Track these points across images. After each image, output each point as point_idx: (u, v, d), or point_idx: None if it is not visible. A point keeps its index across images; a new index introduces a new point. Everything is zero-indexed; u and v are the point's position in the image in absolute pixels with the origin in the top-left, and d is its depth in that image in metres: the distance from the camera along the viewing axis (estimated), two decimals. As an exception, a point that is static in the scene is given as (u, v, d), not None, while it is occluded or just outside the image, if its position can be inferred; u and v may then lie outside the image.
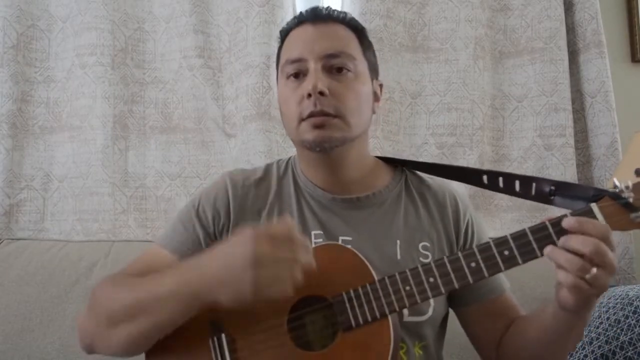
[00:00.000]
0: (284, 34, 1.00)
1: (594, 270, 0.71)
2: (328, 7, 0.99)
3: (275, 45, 1.76)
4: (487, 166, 1.84)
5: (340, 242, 0.93)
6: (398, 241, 0.95)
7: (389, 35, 1.83)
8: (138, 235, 1.74)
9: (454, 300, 0.99)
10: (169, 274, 0.81)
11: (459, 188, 1.10)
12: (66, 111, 1.78)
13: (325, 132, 0.90)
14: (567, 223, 0.75)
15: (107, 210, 1.72)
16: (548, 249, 0.75)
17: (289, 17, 1.83)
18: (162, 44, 1.84)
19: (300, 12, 0.99)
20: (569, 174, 1.81)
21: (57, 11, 1.81)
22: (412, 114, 1.86)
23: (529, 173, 1.85)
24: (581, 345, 1.28)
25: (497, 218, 1.82)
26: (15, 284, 1.45)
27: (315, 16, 0.97)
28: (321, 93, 0.89)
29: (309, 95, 0.89)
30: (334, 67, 0.92)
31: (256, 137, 1.75)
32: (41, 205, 1.75)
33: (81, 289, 1.45)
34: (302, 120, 0.91)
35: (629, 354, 1.13)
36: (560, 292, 0.76)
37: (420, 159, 1.82)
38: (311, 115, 0.90)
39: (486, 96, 1.87)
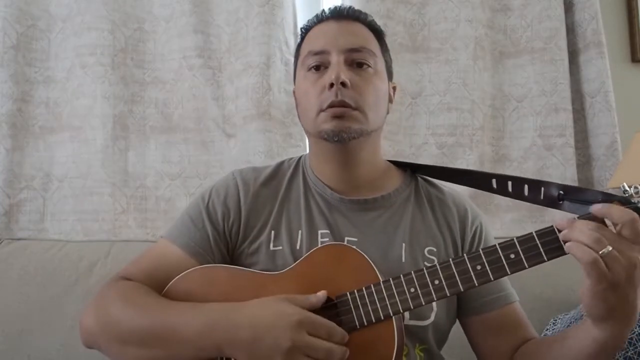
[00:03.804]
0: (305, 30, 1.02)
1: (609, 247, 0.69)
2: (351, 6, 1.01)
3: (275, 45, 1.79)
4: (487, 166, 1.85)
5: (346, 242, 0.93)
6: (404, 244, 0.94)
7: (389, 35, 1.81)
8: (138, 235, 1.74)
9: (458, 310, 0.98)
10: (193, 314, 0.80)
11: (462, 191, 1.09)
12: (66, 111, 1.78)
13: (344, 123, 0.91)
14: (595, 209, 0.74)
15: (107, 210, 1.72)
16: (564, 223, 0.75)
17: (289, 17, 1.84)
18: (162, 44, 1.84)
19: (322, 10, 1.01)
20: (569, 174, 1.81)
21: (57, 11, 1.81)
22: (412, 114, 1.86)
23: (529, 173, 1.85)
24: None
25: (497, 218, 1.82)
26: (15, 284, 1.45)
27: (339, 14, 0.98)
28: (343, 84, 0.90)
29: (331, 85, 0.91)
30: (356, 61, 0.94)
31: (256, 137, 1.75)
32: (41, 205, 1.75)
33: (81, 289, 1.44)
34: (321, 110, 0.92)
35: (629, 354, 1.13)
36: (583, 295, 0.74)
37: (420, 159, 1.82)
38: (331, 105, 0.91)
39: (486, 96, 1.87)
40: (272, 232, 0.95)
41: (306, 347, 0.74)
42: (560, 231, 0.76)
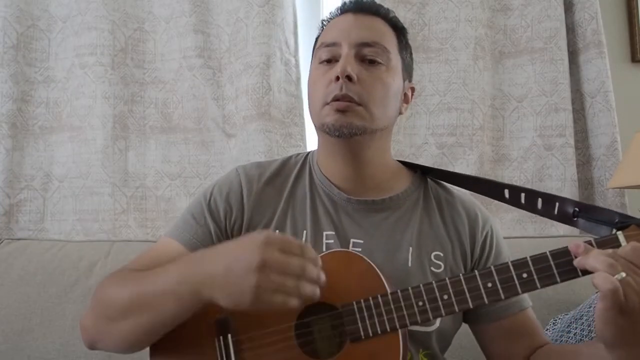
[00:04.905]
0: (325, 23, 1.00)
1: (623, 274, 0.68)
2: (373, 0, 1.00)
3: (275, 45, 1.79)
4: (487, 166, 1.85)
5: (351, 245, 0.92)
6: (410, 248, 0.92)
7: (389, 35, 1.83)
8: (138, 235, 1.74)
9: (469, 316, 0.96)
10: (171, 269, 0.78)
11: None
12: (66, 111, 1.78)
13: (347, 118, 0.89)
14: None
15: (107, 210, 1.72)
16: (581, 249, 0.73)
17: (289, 17, 1.84)
18: (162, 44, 1.84)
19: (344, 2, 0.99)
20: (569, 174, 1.81)
21: (57, 11, 1.81)
22: (412, 114, 1.86)
23: (529, 173, 1.85)
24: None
25: (498, 218, 1.82)
26: (15, 284, 1.45)
27: (358, 7, 0.97)
28: (349, 78, 0.88)
29: (337, 78, 0.89)
30: (367, 57, 0.92)
31: (256, 137, 1.75)
32: (41, 205, 1.75)
33: (81, 289, 1.44)
34: (326, 103, 0.90)
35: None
36: (595, 318, 0.72)
37: (420, 159, 1.82)
38: (335, 99, 0.89)
39: (486, 96, 1.87)
40: (277, 232, 0.93)
41: (277, 262, 0.69)
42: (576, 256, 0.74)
